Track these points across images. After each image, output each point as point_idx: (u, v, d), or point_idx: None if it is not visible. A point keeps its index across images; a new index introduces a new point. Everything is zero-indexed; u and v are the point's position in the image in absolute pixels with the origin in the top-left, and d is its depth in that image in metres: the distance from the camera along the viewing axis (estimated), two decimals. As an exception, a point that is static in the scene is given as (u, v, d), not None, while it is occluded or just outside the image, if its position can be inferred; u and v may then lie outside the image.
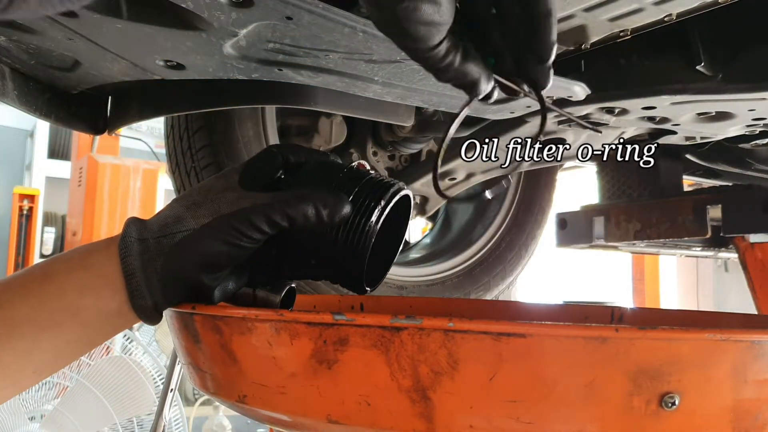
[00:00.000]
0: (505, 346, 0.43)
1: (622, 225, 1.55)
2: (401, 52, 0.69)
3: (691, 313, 0.94)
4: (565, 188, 2.06)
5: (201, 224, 0.57)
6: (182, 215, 0.58)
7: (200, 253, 0.56)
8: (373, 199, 0.59)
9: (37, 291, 0.56)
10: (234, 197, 0.58)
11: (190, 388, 4.52)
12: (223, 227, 0.56)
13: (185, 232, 0.57)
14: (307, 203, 0.56)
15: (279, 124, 1.36)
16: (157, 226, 0.58)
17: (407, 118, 1.04)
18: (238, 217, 0.56)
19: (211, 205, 0.58)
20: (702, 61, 0.90)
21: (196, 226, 0.57)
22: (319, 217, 0.56)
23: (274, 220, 0.56)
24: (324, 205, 0.56)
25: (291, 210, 0.56)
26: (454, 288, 1.67)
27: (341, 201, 0.57)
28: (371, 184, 0.61)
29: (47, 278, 0.57)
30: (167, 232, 0.57)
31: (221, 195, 0.59)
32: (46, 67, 0.84)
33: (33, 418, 2.66)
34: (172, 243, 0.56)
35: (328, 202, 0.57)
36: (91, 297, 0.56)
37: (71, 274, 0.57)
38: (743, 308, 1.42)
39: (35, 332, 0.55)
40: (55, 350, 0.56)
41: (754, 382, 0.47)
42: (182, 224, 0.57)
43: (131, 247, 0.57)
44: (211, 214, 0.57)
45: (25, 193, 5.75)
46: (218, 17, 0.62)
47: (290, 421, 0.52)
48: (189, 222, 0.57)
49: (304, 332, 0.48)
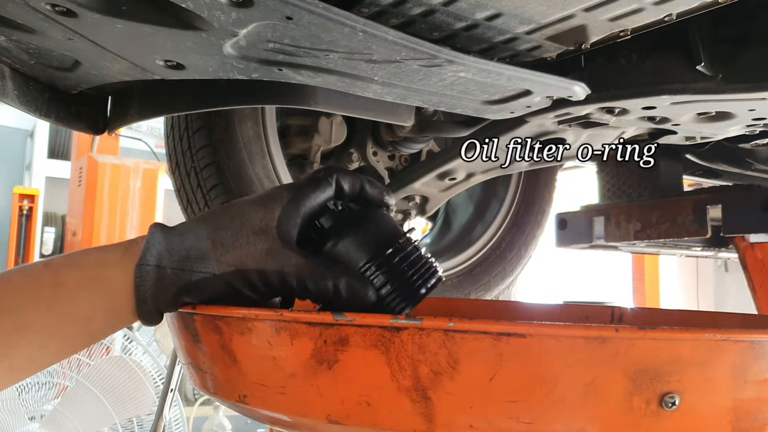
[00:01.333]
0: (506, 346, 0.43)
1: (622, 225, 1.55)
2: (401, 51, 0.70)
3: (691, 313, 0.94)
4: (565, 188, 2.06)
5: (222, 271, 0.55)
6: (207, 254, 0.56)
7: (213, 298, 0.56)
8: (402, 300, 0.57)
9: (47, 299, 0.55)
10: (264, 250, 0.56)
11: (190, 388, 4.52)
12: (243, 282, 0.56)
13: (205, 275, 0.55)
14: (329, 283, 0.55)
15: (279, 124, 1.36)
16: (178, 256, 0.56)
17: (407, 118, 1.04)
18: (259, 276, 0.55)
19: (239, 254, 0.56)
20: (702, 61, 0.90)
21: (216, 272, 0.55)
22: (339, 300, 0.55)
23: (295, 288, 0.55)
24: (346, 290, 0.55)
25: (312, 286, 0.55)
26: (454, 288, 1.67)
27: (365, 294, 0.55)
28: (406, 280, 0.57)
29: (59, 286, 0.55)
30: (187, 267, 0.55)
31: (253, 241, 0.56)
32: (46, 67, 0.84)
33: (33, 418, 2.66)
34: (189, 281, 0.55)
35: (354, 289, 0.55)
36: (101, 311, 0.56)
37: (83, 288, 0.56)
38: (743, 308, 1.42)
39: (43, 340, 0.54)
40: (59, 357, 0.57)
41: (754, 382, 0.47)
42: (204, 264, 0.56)
43: (147, 276, 0.55)
44: (235, 264, 0.55)
45: (25, 193, 5.76)
46: (218, 17, 0.62)
47: (290, 421, 0.52)
48: (211, 265, 0.56)
49: (305, 332, 0.48)
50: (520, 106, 0.93)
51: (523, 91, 0.87)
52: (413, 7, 0.70)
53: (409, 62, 0.73)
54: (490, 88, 0.84)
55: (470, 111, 0.94)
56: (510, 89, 0.86)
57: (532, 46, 0.81)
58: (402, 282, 0.57)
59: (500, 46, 0.81)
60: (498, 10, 0.71)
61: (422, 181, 1.43)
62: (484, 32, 0.76)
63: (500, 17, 0.72)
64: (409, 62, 0.73)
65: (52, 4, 0.62)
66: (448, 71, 0.77)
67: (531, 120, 1.09)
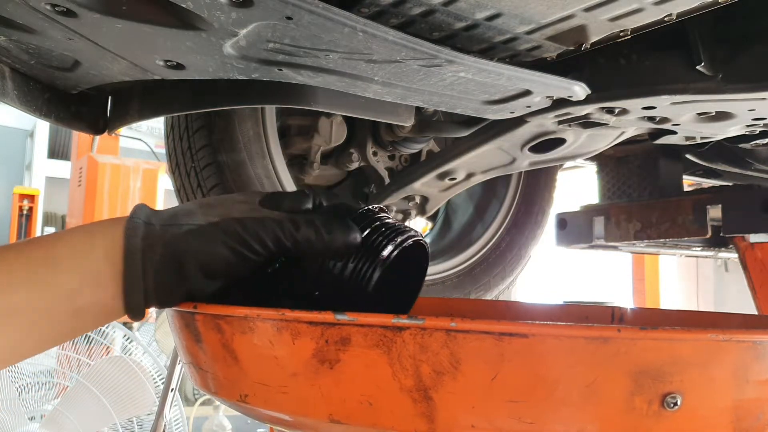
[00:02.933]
0: (507, 346, 0.43)
1: (622, 225, 1.55)
2: (401, 51, 0.70)
3: (692, 313, 0.94)
4: (565, 188, 2.06)
5: (209, 221, 0.57)
6: (194, 211, 0.58)
7: (200, 249, 0.56)
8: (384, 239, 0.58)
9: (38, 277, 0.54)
10: (248, 208, 0.58)
11: (190, 388, 4.52)
12: (228, 230, 0.56)
13: (191, 226, 0.56)
14: (313, 227, 0.56)
15: (279, 124, 1.36)
16: (167, 215, 0.58)
17: (407, 118, 1.04)
18: (245, 224, 0.56)
19: (224, 209, 0.58)
20: (702, 61, 0.90)
21: (203, 222, 0.57)
22: (322, 241, 0.56)
23: (279, 237, 0.56)
24: (329, 231, 0.56)
25: (297, 231, 0.56)
26: (454, 288, 1.67)
27: (349, 230, 0.57)
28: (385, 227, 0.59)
29: (50, 263, 0.55)
30: (175, 222, 0.57)
31: (236, 204, 0.59)
32: (46, 67, 0.84)
33: (33, 418, 2.66)
34: (177, 233, 0.56)
35: (334, 227, 0.57)
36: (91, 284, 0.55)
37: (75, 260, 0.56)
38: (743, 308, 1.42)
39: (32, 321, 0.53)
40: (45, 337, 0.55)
41: (756, 383, 0.47)
42: (191, 218, 0.57)
43: (137, 228, 0.56)
44: (221, 215, 0.57)
45: (25, 193, 5.76)
46: (218, 17, 0.62)
47: (292, 420, 0.52)
48: (198, 217, 0.57)
49: (306, 332, 0.48)
50: (520, 106, 0.93)
51: (523, 91, 0.87)
52: (413, 7, 0.70)
53: (409, 62, 0.73)
54: (490, 88, 0.84)
55: (470, 111, 0.94)
56: (510, 89, 0.86)
57: (532, 46, 0.81)
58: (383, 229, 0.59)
59: (500, 46, 0.81)
60: (498, 10, 0.71)
61: (422, 181, 1.43)
62: (484, 32, 0.76)
63: (500, 17, 0.72)
64: (409, 62, 0.73)
65: (52, 4, 0.62)
66: (448, 71, 0.77)
67: (531, 120, 1.09)
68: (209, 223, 0.56)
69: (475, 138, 1.26)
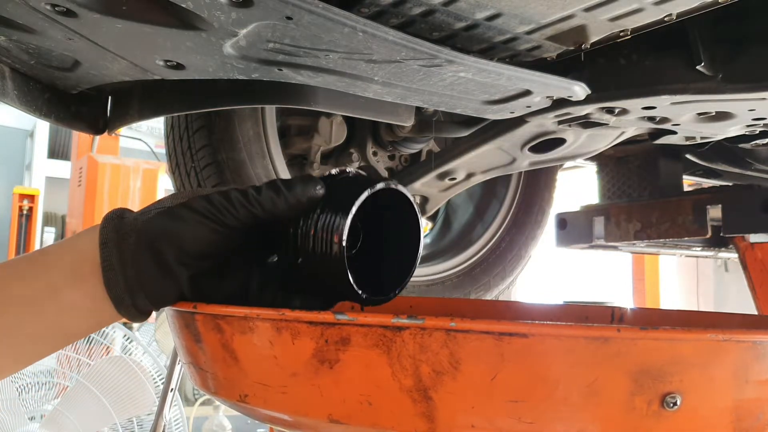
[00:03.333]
0: (507, 346, 0.43)
1: (622, 225, 1.55)
2: (401, 51, 0.70)
3: (692, 313, 0.94)
4: (565, 188, 2.06)
5: (176, 203, 0.58)
6: (163, 199, 0.60)
7: (170, 230, 0.56)
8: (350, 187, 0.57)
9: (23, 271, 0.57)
10: (216, 189, 0.59)
11: (190, 388, 4.52)
12: (196, 207, 0.56)
13: (159, 209, 0.58)
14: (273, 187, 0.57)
15: (279, 124, 1.36)
16: (139, 210, 0.60)
17: (407, 118, 1.04)
18: (210, 198, 0.57)
19: (192, 192, 0.59)
20: (702, 61, 0.90)
21: (170, 205, 0.58)
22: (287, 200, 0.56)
23: (243, 203, 0.56)
24: (288, 189, 0.57)
25: (259, 195, 0.56)
26: (454, 288, 1.67)
27: (308, 181, 0.57)
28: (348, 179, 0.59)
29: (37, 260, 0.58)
30: (144, 211, 0.59)
31: (207, 188, 0.62)
32: (46, 66, 0.84)
33: (33, 418, 2.66)
34: (147, 218, 0.57)
35: (294, 184, 0.57)
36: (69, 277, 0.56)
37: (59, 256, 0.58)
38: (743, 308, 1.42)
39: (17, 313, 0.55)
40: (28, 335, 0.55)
41: (756, 383, 0.47)
42: (159, 203, 0.59)
43: (109, 222, 0.58)
44: (188, 197, 0.58)
45: (25, 193, 5.75)
46: (218, 17, 0.62)
47: (291, 420, 0.52)
48: (166, 201, 0.59)
49: (306, 332, 0.48)
50: (520, 106, 0.93)
51: (523, 91, 0.87)
52: (413, 7, 0.70)
53: (409, 62, 0.73)
54: (490, 88, 0.84)
55: (470, 111, 0.94)
56: (510, 89, 0.86)
57: (532, 46, 0.81)
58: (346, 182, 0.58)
59: (500, 46, 0.81)
60: (498, 10, 0.71)
61: (422, 181, 1.43)
62: (484, 32, 0.76)
63: (500, 17, 0.72)
64: (409, 62, 0.73)
65: (52, 4, 0.62)
66: (448, 71, 0.77)
67: (531, 120, 1.09)
68: (176, 205, 0.57)
69: (475, 138, 1.26)
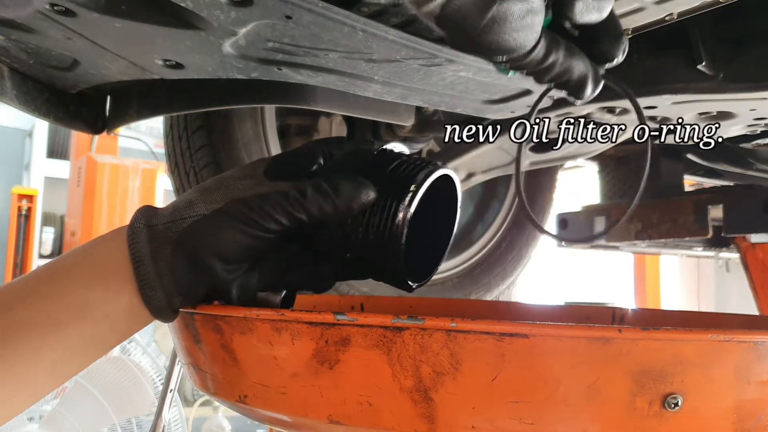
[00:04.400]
0: (508, 347, 0.43)
1: (623, 225, 1.55)
2: (401, 51, 0.69)
3: (693, 314, 0.94)
4: (565, 188, 2.05)
5: (212, 209, 0.53)
6: (193, 200, 0.55)
7: (210, 239, 0.52)
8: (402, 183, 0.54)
9: (42, 291, 0.52)
10: (251, 184, 0.54)
11: (189, 389, 4.52)
12: (234, 213, 0.52)
13: (195, 217, 0.53)
14: (320, 192, 0.53)
15: (279, 123, 1.36)
16: (167, 212, 0.55)
17: (407, 117, 1.04)
18: (250, 203, 0.53)
19: (225, 191, 0.55)
20: (703, 60, 0.90)
21: (206, 212, 0.53)
22: (336, 207, 0.53)
23: (287, 209, 0.53)
24: (338, 193, 0.53)
25: (305, 200, 0.53)
26: (454, 288, 1.67)
27: (360, 187, 0.54)
28: (401, 168, 0.55)
29: (52, 276, 0.53)
30: (176, 218, 0.54)
31: (238, 182, 0.55)
32: (45, 66, 0.84)
33: (32, 418, 2.66)
34: (181, 228, 0.53)
35: (344, 190, 0.53)
36: (100, 290, 0.52)
37: (77, 269, 0.54)
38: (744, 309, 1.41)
39: (39, 335, 0.51)
40: (65, 350, 0.52)
41: (757, 383, 0.46)
42: (192, 209, 0.54)
43: (139, 234, 0.53)
44: (223, 199, 0.54)
45: (23, 193, 5.74)
46: (217, 16, 0.62)
47: (291, 421, 0.51)
48: (199, 207, 0.54)
49: (306, 332, 0.48)
50: (521, 105, 0.93)
51: (523, 90, 0.87)
52: (414, 6, 0.70)
53: (409, 61, 0.73)
54: (491, 87, 0.84)
55: (471, 110, 0.94)
56: (510, 88, 0.86)
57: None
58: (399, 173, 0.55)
59: (501, 46, 0.80)
60: (499, 10, 0.70)
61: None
62: (485, 31, 0.76)
63: (501, 16, 0.72)
64: (409, 61, 0.73)
65: (51, 4, 0.62)
66: (449, 70, 0.76)
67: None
68: (213, 211, 0.53)
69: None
